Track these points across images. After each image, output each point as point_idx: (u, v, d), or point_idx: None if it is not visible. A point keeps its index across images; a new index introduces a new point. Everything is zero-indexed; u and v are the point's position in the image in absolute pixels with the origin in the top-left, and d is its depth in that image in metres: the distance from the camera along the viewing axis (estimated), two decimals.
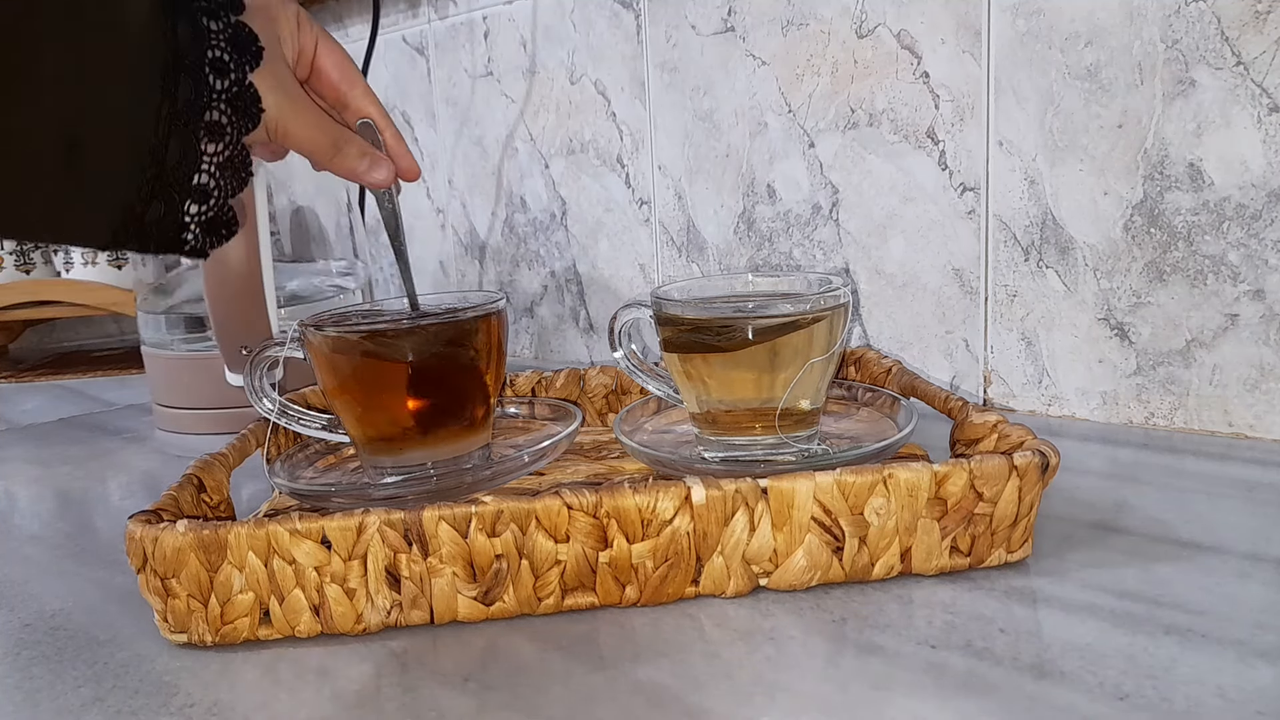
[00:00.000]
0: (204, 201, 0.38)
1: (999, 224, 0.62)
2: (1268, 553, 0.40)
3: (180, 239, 0.37)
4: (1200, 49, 0.53)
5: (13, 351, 1.25)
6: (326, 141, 0.45)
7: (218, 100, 0.37)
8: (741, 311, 0.48)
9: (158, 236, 0.37)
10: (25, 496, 0.62)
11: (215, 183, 0.38)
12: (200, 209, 0.37)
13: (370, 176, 0.48)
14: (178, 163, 0.36)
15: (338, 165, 0.46)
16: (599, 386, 0.65)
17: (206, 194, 0.38)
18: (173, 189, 0.36)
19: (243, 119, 0.39)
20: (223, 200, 0.38)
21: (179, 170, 0.36)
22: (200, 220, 0.38)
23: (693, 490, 0.38)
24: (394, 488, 0.47)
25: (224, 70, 0.37)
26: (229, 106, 0.38)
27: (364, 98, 0.48)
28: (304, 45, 0.45)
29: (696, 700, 0.32)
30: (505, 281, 1.00)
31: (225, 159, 0.38)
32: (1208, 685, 0.31)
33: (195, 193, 0.37)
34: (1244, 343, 0.54)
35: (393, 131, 0.49)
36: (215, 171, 0.38)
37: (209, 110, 0.37)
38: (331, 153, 0.45)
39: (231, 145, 0.38)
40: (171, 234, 0.37)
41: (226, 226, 0.39)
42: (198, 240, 0.38)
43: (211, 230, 0.38)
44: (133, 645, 0.39)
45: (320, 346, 0.48)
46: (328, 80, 0.47)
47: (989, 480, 0.39)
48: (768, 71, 0.73)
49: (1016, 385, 0.64)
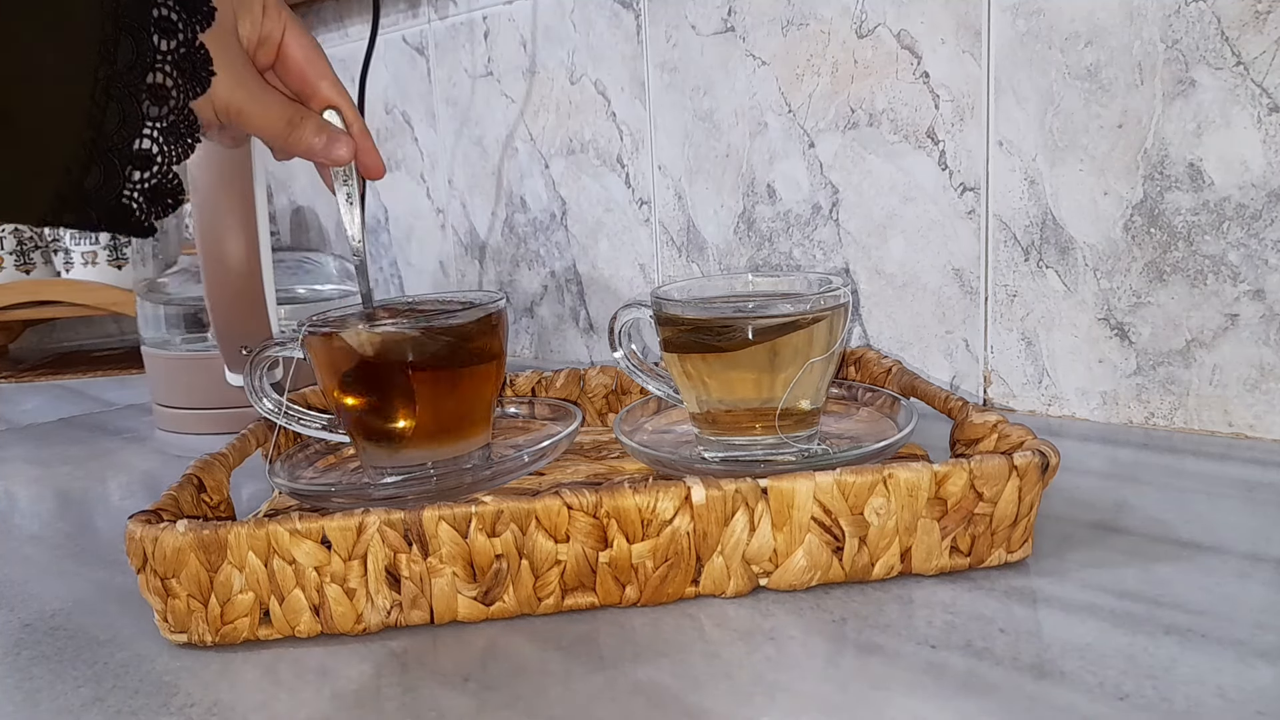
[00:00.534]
0: (146, 168, 0.36)
1: (999, 224, 0.62)
2: (1268, 553, 0.40)
3: (122, 207, 0.36)
4: (1200, 49, 0.53)
5: (13, 351, 1.25)
6: (281, 120, 0.43)
7: (162, 62, 0.36)
8: (741, 311, 0.48)
9: (98, 205, 0.35)
10: (25, 496, 0.62)
11: (159, 148, 0.36)
12: (142, 175, 0.36)
13: (329, 152, 0.46)
14: (117, 127, 0.35)
15: (294, 144, 0.45)
16: (599, 386, 0.65)
17: (149, 160, 0.36)
18: (112, 154, 0.35)
19: (190, 81, 0.37)
20: (166, 167, 0.37)
21: (119, 135, 0.35)
22: (143, 188, 0.36)
23: (693, 490, 0.38)
24: (394, 488, 0.47)
25: (170, 30, 0.36)
26: (174, 69, 0.36)
27: (331, 89, 0.47)
28: (269, 30, 0.44)
29: (696, 700, 0.32)
30: (505, 281, 1.00)
31: (170, 124, 0.36)
32: (1208, 685, 0.31)
33: (137, 158, 0.36)
34: (1244, 343, 0.54)
35: (360, 126, 0.48)
36: (159, 136, 0.36)
37: (152, 72, 0.35)
38: (286, 131, 0.44)
39: (177, 110, 0.36)
40: (112, 203, 0.36)
41: (172, 195, 0.37)
42: (141, 210, 0.36)
43: (155, 199, 0.37)
44: (133, 645, 0.39)
45: (320, 346, 0.48)
46: (294, 68, 0.46)
47: (989, 480, 0.39)
48: (768, 71, 0.73)
49: (1016, 385, 0.64)
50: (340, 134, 0.47)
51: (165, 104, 0.36)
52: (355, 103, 0.48)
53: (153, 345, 0.77)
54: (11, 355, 1.23)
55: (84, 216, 0.35)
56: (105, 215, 0.36)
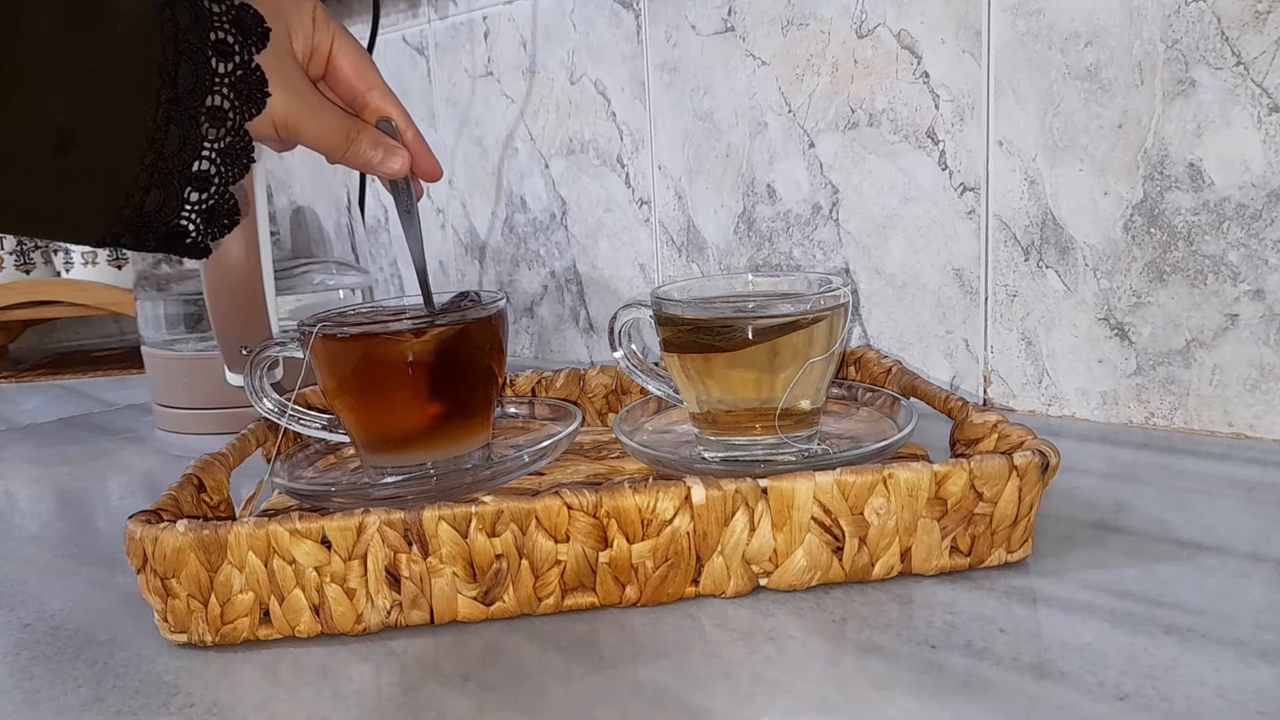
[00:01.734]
0: (204, 189, 0.36)
1: (999, 224, 0.62)
2: (1268, 553, 0.40)
3: (180, 229, 0.36)
4: (1200, 49, 0.53)
5: (13, 351, 1.25)
6: (339, 134, 0.43)
7: (220, 84, 0.36)
8: (741, 311, 0.48)
9: (156, 227, 0.36)
10: (25, 496, 0.62)
11: (216, 169, 0.37)
12: (200, 196, 0.36)
13: (385, 166, 0.46)
14: (177, 149, 0.35)
15: (351, 157, 0.45)
16: (599, 386, 0.65)
17: (207, 181, 0.36)
18: (171, 176, 0.35)
19: (247, 104, 0.37)
20: (223, 188, 0.37)
21: (179, 157, 0.35)
22: (200, 209, 0.37)
23: (693, 490, 0.38)
24: (394, 488, 0.47)
25: (228, 53, 0.36)
26: (232, 90, 0.36)
27: (383, 97, 0.47)
28: (319, 42, 0.44)
29: (696, 700, 0.32)
30: (505, 281, 1.00)
31: (227, 145, 0.37)
32: (1208, 685, 0.31)
33: (195, 180, 0.36)
34: (1244, 343, 0.54)
35: (414, 131, 0.48)
36: (216, 158, 0.36)
37: (211, 94, 0.36)
38: (345, 145, 0.44)
39: (234, 131, 0.37)
40: (170, 224, 0.36)
41: (228, 215, 0.38)
42: (198, 231, 0.37)
43: (213, 220, 0.37)
44: (133, 645, 0.39)
45: (320, 346, 0.48)
46: (344, 79, 0.46)
47: (989, 480, 0.39)
48: (768, 71, 0.73)
49: (1016, 385, 0.64)
50: (396, 147, 0.47)
51: (223, 125, 0.37)
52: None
53: (153, 345, 0.77)
54: (11, 355, 1.23)
55: (142, 238, 0.36)
56: (163, 237, 0.36)
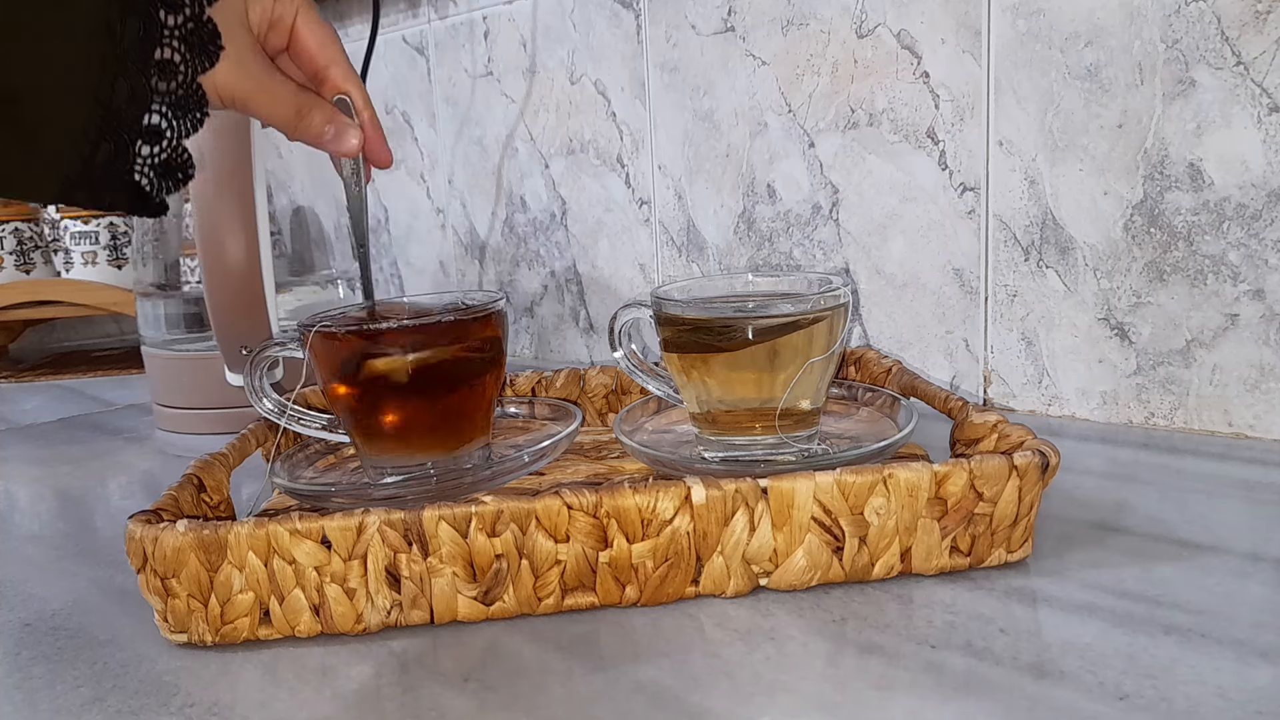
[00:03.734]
0: (156, 142, 0.36)
1: (999, 224, 0.62)
2: (1268, 553, 0.40)
3: (133, 183, 0.36)
4: (1200, 49, 0.53)
5: (13, 351, 1.25)
6: (289, 108, 0.43)
7: (170, 37, 0.35)
8: (742, 311, 0.48)
9: (108, 181, 0.35)
10: (25, 496, 0.62)
11: (168, 123, 0.36)
12: (152, 150, 0.36)
13: (336, 144, 0.45)
14: (126, 103, 0.35)
15: (301, 132, 0.44)
16: (599, 386, 0.65)
17: (159, 134, 0.36)
18: (121, 130, 0.35)
19: (198, 56, 0.37)
20: (176, 141, 0.36)
21: (128, 110, 0.35)
22: (153, 163, 0.36)
23: (693, 490, 0.38)
24: (394, 488, 0.47)
25: (177, 5, 0.36)
26: (182, 43, 0.36)
27: (343, 75, 0.46)
28: (281, 14, 0.43)
29: (696, 700, 0.32)
30: (505, 281, 1.00)
31: (178, 98, 0.36)
32: (1208, 685, 0.31)
33: (146, 133, 0.35)
34: (1244, 343, 0.54)
35: (370, 114, 0.47)
36: (168, 111, 0.36)
37: (160, 47, 0.35)
38: (295, 119, 0.43)
39: (185, 84, 0.36)
40: (123, 178, 0.35)
41: (182, 170, 0.37)
42: (152, 186, 0.36)
43: (166, 174, 0.36)
44: (133, 645, 0.39)
45: (320, 346, 0.48)
46: (305, 53, 0.45)
47: (989, 480, 0.39)
48: (768, 71, 0.73)
49: (1016, 385, 0.64)
50: (349, 125, 0.46)
51: (174, 79, 0.36)
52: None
53: (153, 345, 0.77)
54: (11, 355, 1.23)
55: (95, 194, 0.35)
56: (117, 192, 0.36)
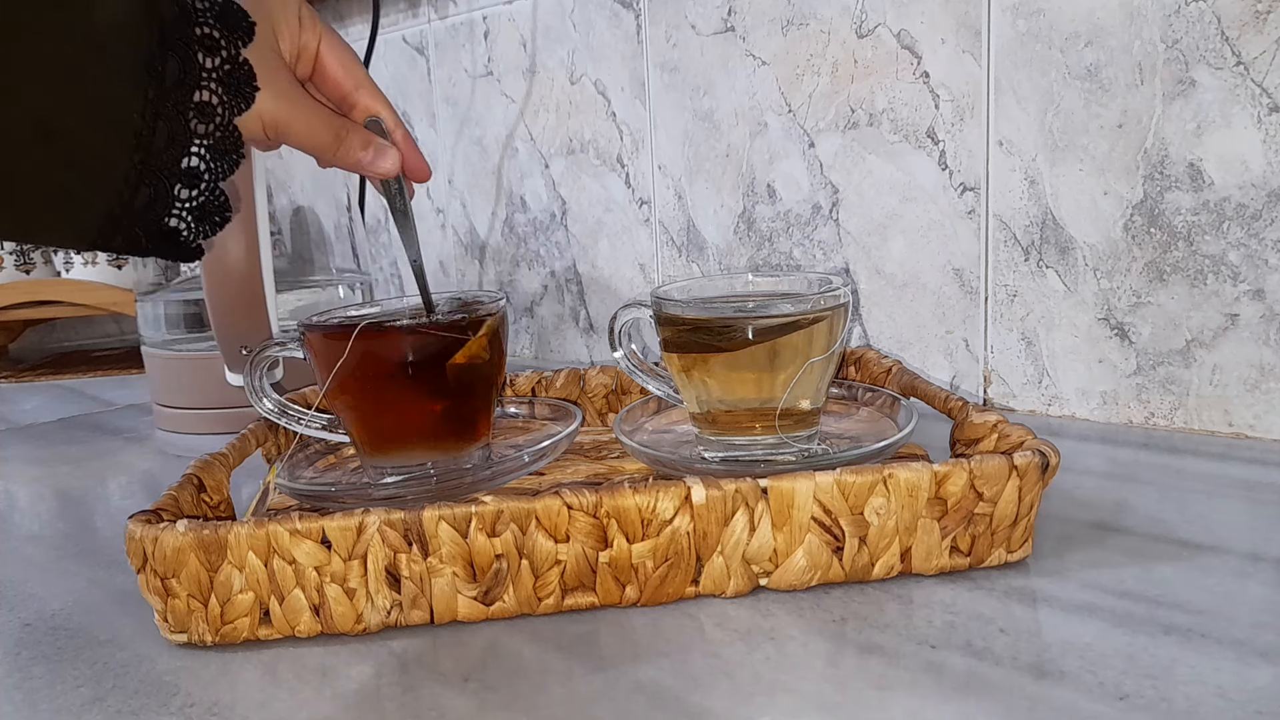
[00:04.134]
0: (194, 185, 0.36)
1: (999, 224, 0.62)
2: (1268, 553, 0.40)
3: (171, 228, 0.36)
4: (1200, 49, 0.53)
5: (13, 351, 1.25)
6: (328, 135, 0.43)
7: (208, 79, 0.36)
8: (742, 311, 0.48)
9: (147, 226, 0.35)
10: (25, 496, 0.62)
11: (206, 165, 0.36)
12: (191, 194, 0.36)
13: (375, 166, 0.46)
14: (166, 145, 0.35)
15: (341, 158, 0.44)
16: (599, 386, 0.65)
17: (197, 177, 0.36)
18: (161, 173, 0.35)
19: (235, 99, 0.37)
20: (213, 184, 0.37)
21: (167, 153, 0.35)
22: (191, 205, 0.36)
23: (693, 490, 0.38)
24: (394, 488, 0.47)
25: (214, 48, 0.36)
26: (220, 85, 0.36)
27: (371, 97, 0.47)
28: (306, 42, 0.44)
29: (696, 700, 0.32)
30: (505, 281, 1.00)
31: (216, 140, 0.36)
32: (1208, 685, 0.31)
33: (185, 176, 0.36)
34: (1244, 343, 0.54)
35: (403, 131, 0.48)
36: (205, 154, 0.36)
37: (198, 90, 0.35)
38: (334, 145, 0.44)
39: (223, 126, 0.36)
40: (162, 222, 0.36)
41: (219, 213, 0.37)
42: (189, 230, 0.36)
43: (204, 218, 0.37)
44: (133, 645, 0.39)
45: (320, 346, 0.48)
46: (332, 79, 0.46)
47: (989, 480, 0.39)
48: (768, 71, 0.73)
49: (1016, 385, 0.64)
50: (386, 147, 0.46)
51: (212, 121, 0.36)
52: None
53: (153, 345, 0.77)
54: (11, 355, 1.23)
55: (133, 238, 0.35)
56: (154, 236, 0.36)
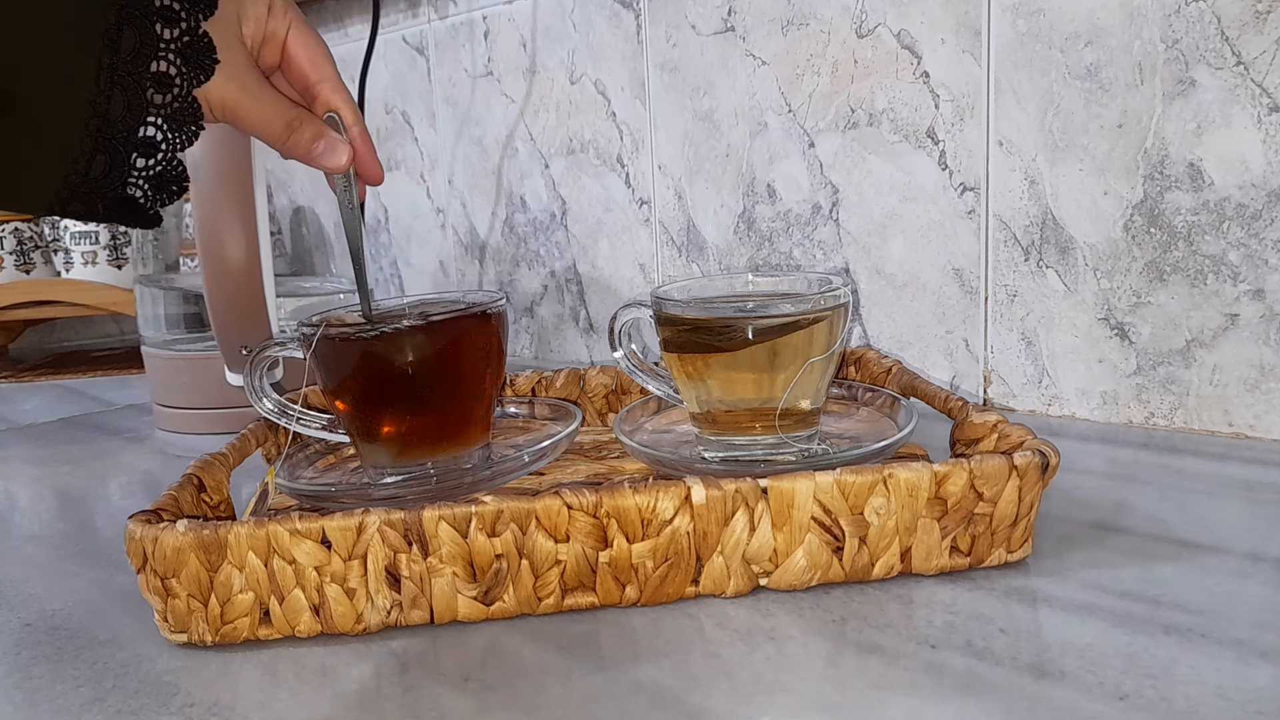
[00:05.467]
0: (151, 155, 0.36)
1: (999, 224, 0.62)
2: (1268, 553, 0.40)
3: (128, 196, 0.36)
4: (1200, 49, 0.53)
5: (13, 351, 1.25)
6: (279, 122, 0.43)
7: (165, 49, 0.36)
8: (742, 311, 0.48)
9: (104, 194, 0.35)
10: (25, 496, 0.62)
11: (163, 135, 0.36)
12: (147, 163, 0.36)
13: (324, 160, 0.45)
14: (122, 115, 0.35)
15: (291, 147, 0.44)
16: (599, 386, 0.65)
17: (154, 147, 0.36)
18: (117, 142, 0.35)
19: (194, 70, 0.37)
20: (171, 154, 0.37)
21: (123, 122, 0.35)
22: (148, 175, 0.36)
23: (693, 490, 0.38)
24: (394, 488, 0.47)
25: (173, 19, 0.36)
26: (178, 56, 0.36)
27: (333, 91, 0.46)
28: (274, 29, 0.43)
29: (696, 700, 0.32)
30: (505, 281, 1.00)
31: (174, 110, 0.36)
32: (1208, 685, 0.31)
33: (141, 145, 0.36)
34: (1244, 343, 0.54)
35: (361, 130, 0.47)
36: (163, 124, 0.36)
37: (156, 60, 0.36)
38: (285, 134, 0.43)
39: (180, 97, 0.37)
40: (118, 190, 0.36)
41: (176, 183, 0.37)
42: (146, 198, 0.37)
43: (161, 187, 0.37)
44: (133, 645, 0.39)
45: (320, 347, 0.48)
46: (298, 70, 0.45)
47: (989, 480, 0.39)
48: (768, 71, 0.73)
49: (1016, 385, 0.64)
50: (338, 141, 0.46)
51: (169, 91, 0.36)
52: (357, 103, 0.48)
53: (153, 345, 0.77)
54: (11, 355, 1.23)
55: (90, 206, 0.36)
56: (111, 204, 0.36)
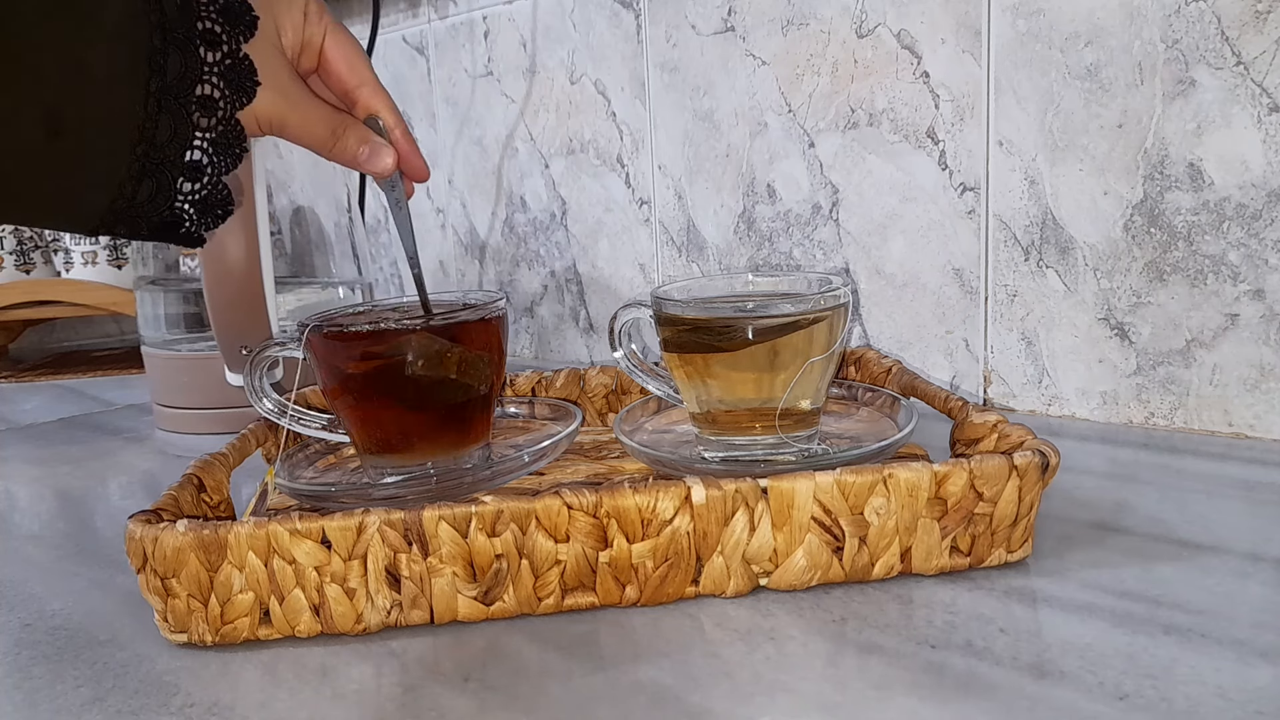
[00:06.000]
0: (197, 179, 0.37)
1: (999, 224, 0.62)
2: (1268, 553, 0.40)
3: (174, 219, 0.37)
4: (1200, 49, 0.53)
5: (13, 351, 1.25)
6: (325, 130, 0.43)
7: (209, 73, 0.36)
8: (742, 311, 0.48)
9: (150, 217, 0.36)
10: (25, 496, 0.62)
11: (208, 159, 0.37)
12: (193, 187, 0.37)
13: (371, 164, 0.46)
14: (169, 139, 0.35)
15: (338, 154, 0.44)
16: (599, 386, 0.65)
17: (200, 171, 0.37)
18: (164, 166, 0.35)
19: (237, 92, 0.37)
20: (216, 178, 0.37)
21: (170, 147, 0.35)
22: (194, 199, 0.37)
23: (693, 490, 0.38)
24: (394, 488, 0.47)
25: (215, 42, 0.36)
26: (221, 79, 0.37)
27: (373, 94, 0.47)
28: (310, 36, 0.44)
29: (696, 700, 0.32)
30: (505, 281, 1.00)
31: (219, 134, 0.37)
32: (1208, 685, 0.31)
33: (188, 170, 0.36)
34: (1244, 343, 0.54)
35: (403, 130, 0.47)
36: (208, 147, 0.37)
37: (200, 84, 0.36)
38: (330, 141, 0.44)
39: (225, 120, 0.37)
40: (164, 214, 0.36)
41: (222, 205, 0.38)
42: (192, 221, 0.37)
43: (206, 210, 0.37)
44: (133, 645, 0.39)
45: (320, 346, 0.48)
46: (336, 74, 0.45)
47: (989, 480, 0.39)
48: (768, 71, 0.73)
49: (1016, 385, 0.64)
50: (383, 145, 0.46)
51: (213, 115, 0.37)
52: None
53: (153, 345, 0.77)
54: (11, 355, 1.23)
55: (135, 228, 0.36)
56: (157, 226, 0.36)
